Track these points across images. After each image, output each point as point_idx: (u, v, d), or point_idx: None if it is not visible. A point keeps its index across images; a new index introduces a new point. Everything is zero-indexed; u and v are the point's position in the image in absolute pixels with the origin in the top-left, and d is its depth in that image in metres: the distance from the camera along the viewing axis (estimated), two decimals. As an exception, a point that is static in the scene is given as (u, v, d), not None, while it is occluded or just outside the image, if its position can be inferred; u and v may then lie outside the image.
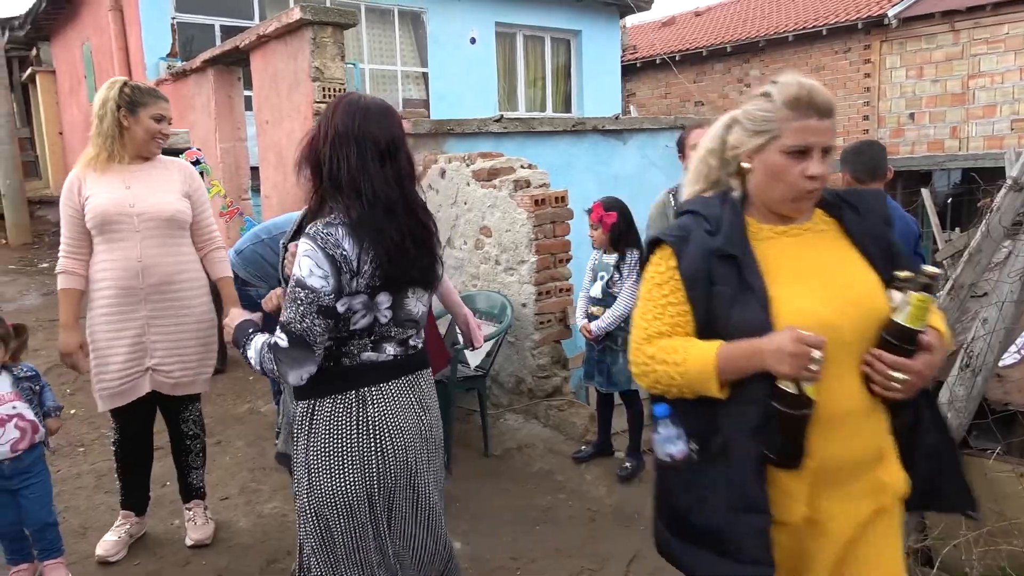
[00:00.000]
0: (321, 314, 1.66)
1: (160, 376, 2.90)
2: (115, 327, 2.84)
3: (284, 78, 6.02)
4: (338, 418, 1.78)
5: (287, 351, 1.67)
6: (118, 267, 2.80)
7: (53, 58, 14.50)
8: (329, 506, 1.78)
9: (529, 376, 4.19)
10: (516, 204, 4.05)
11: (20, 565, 2.80)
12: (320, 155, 1.73)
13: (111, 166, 2.84)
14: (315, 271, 1.66)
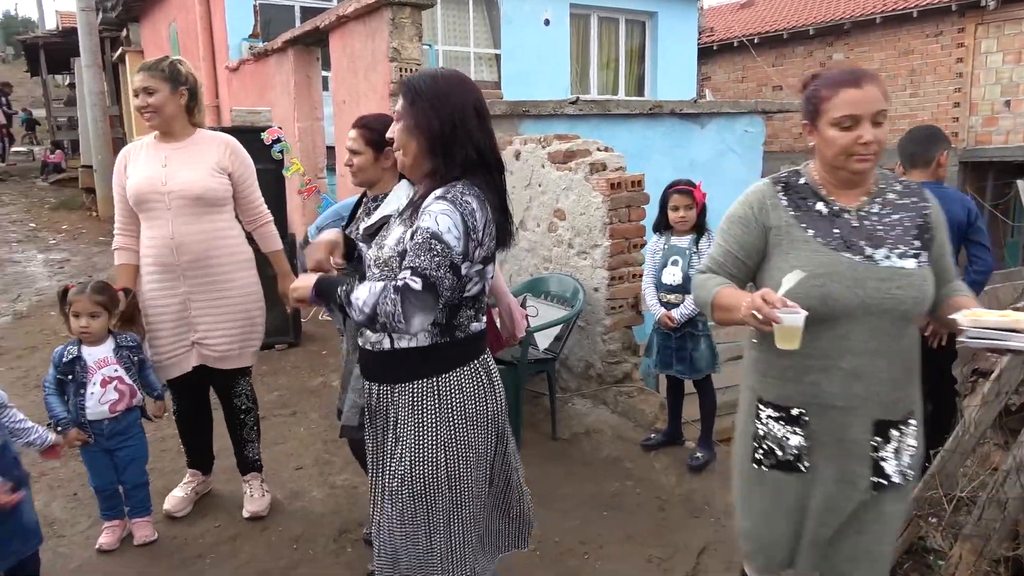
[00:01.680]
0: (451, 270, 1.68)
1: (205, 350, 2.96)
2: (159, 302, 2.91)
3: (362, 58, 6.10)
4: (468, 387, 1.83)
5: (419, 295, 1.64)
6: (156, 244, 2.87)
7: (141, 38, 15.05)
8: (467, 472, 1.84)
9: (599, 361, 4.16)
10: (591, 187, 4.01)
11: (113, 521, 2.95)
12: (436, 129, 1.76)
13: (156, 143, 2.91)
14: (452, 230, 1.68)
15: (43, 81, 21.13)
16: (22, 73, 32.10)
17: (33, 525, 2.23)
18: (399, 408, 1.84)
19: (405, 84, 1.84)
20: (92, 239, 10.24)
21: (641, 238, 4.12)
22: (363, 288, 1.70)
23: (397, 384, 1.84)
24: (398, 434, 1.85)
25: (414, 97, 1.80)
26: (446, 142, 1.76)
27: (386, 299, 1.65)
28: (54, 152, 16.40)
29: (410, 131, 1.80)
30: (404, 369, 1.83)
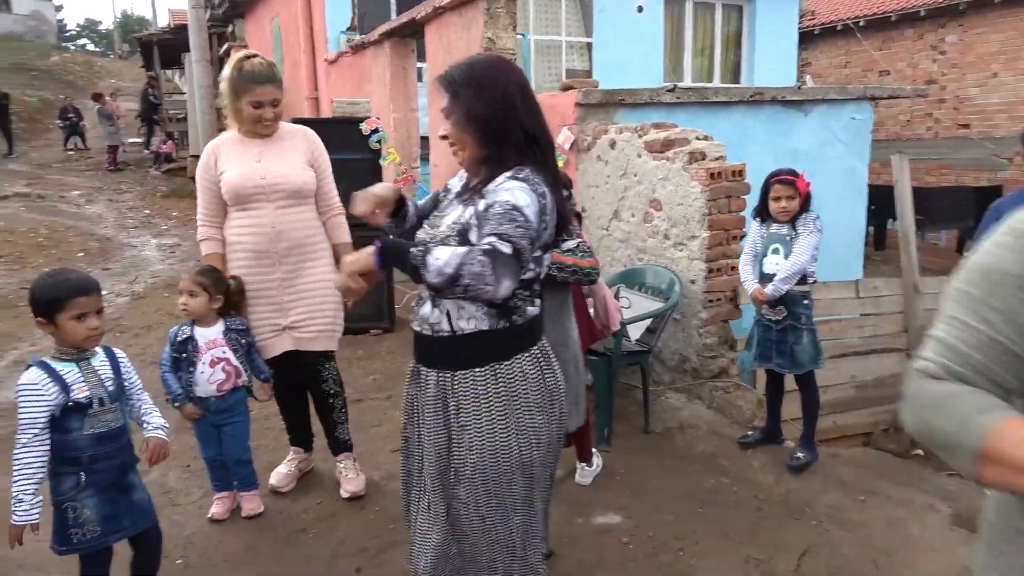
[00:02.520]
0: (530, 243, 1.68)
1: (297, 333, 3.08)
2: (253, 287, 3.03)
3: (457, 49, 6.16)
4: (530, 374, 1.83)
5: (508, 258, 1.60)
6: (254, 233, 2.98)
7: (245, 34, 15.70)
8: (537, 454, 1.84)
9: (694, 355, 4.07)
10: (690, 177, 3.91)
11: (222, 492, 3.11)
12: (486, 116, 1.76)
13: (243, 139, 3.01)
14: (530, 206, 1.69)
15: (156, 76, 22.36)
16: (137, 68, 34.12)
17: (145, 504, 2.32)
18: (461, 395, 1.81)
19: (444, 80, 1.82)
20: (200, 225, 10.79)
21: (741, 230, 4.00)
22: (443, 249, 1.62)
23: (459, 371, 1.81)
24: (463, 422, 1.82)
25: (456, 89, 1.79)
26: (498, 127, 1.76)
27: (474, 260, 1.57)
28: (165, 143, 17.33)
29: (462, 125, 1.79)
30: (467, 355, 1.80)
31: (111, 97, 18.86)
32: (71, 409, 2.12)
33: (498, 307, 1.78)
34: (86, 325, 2.13)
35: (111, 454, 2.20)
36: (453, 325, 1.79)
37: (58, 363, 2.14)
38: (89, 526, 2.18)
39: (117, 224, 10.95)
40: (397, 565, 2.78)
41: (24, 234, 9.76)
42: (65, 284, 2.13)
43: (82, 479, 2.15)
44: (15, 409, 2.23)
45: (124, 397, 2.27)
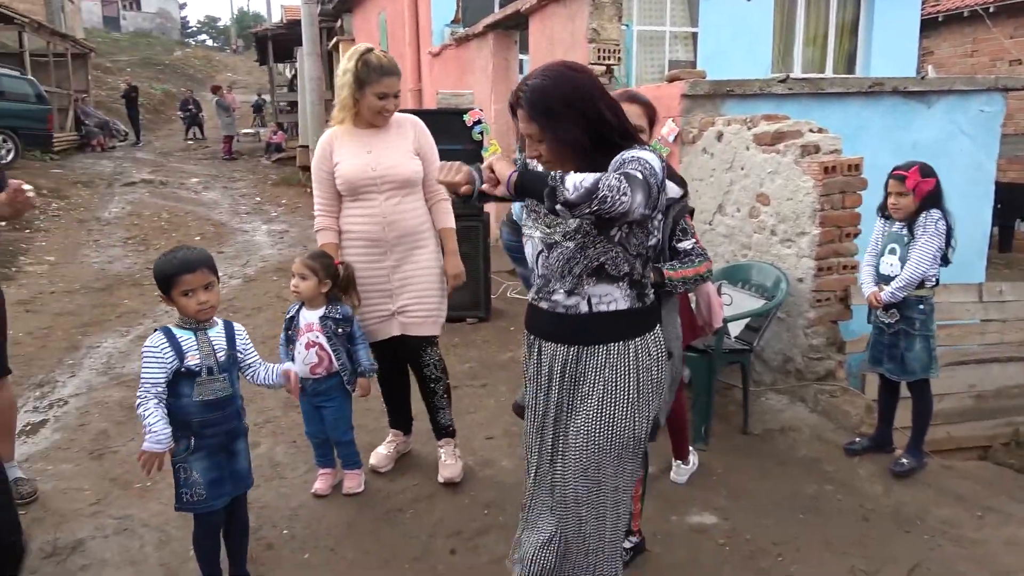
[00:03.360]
0: (655, 182, 1.69)
1: (404, 318, 3.16)
2: (365, 274, 3.13)
3: (560, 40, 6.14)
4: (653, 352, 1.93)
5: (639, 180, 1.64)
6: (366, 222, 3.10)
7: (353, 28, 16.19)
8: (644, 431, 1.95)
9: (799, 356, 3.92)
10: (802, 171, 3.76)
11: (325, 469, 3.23)
12: (582, 134, 1.79)
13: (354, 131, 3.09)
14: (653, 161, 1.74)
15: (269, 69, 23.41)
16: (252, 62, 35.84)
17: (244, 472, 2.46)
18: (588, 368, 1.91)
19: (529, 106, 1.81)
20: (307, 213, 11.23)
21: (855, 227, 3.82)
22: (586, 175, 1.62)
23: (591, 345, 1.91)
24: (584, 392, 1.91)
25: (545, 112, 1.79)
26: (594, 138, 1.81)
27: (609, 176, 1.61)
28: (276, 133, 18.14)
29: (559, 147, 1.81)
30: (603, 331, 1.90)
31: (228, 90, 19.86)
32: (183, 375, 2.26)
33: (635, 286, 1.89)
34: (195, 300, 2.26)
35: (219, 421, 2.33)
36: (593, 308, 1.89)
37: (179, 330, 2.30)
38: (196, 488, 2.33)
39: (231, 210, 11.55)
40: (491, 550, 2.82)
41: (149, 218, 10.45)
42: (171, 263, 2.27)
43: (192, 443, 2.30)
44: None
45: (235, 368, 2.39)
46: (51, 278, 7.21)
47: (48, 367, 4.78)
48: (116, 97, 21.96)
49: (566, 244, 1.87)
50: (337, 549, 2.82)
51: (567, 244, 1.87)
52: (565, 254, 1.88)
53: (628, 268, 1.88)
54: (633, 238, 1.86)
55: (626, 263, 1.88)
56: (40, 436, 3.83)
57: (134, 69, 29.20)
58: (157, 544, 2.84)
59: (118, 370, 4.79)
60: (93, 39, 28.54)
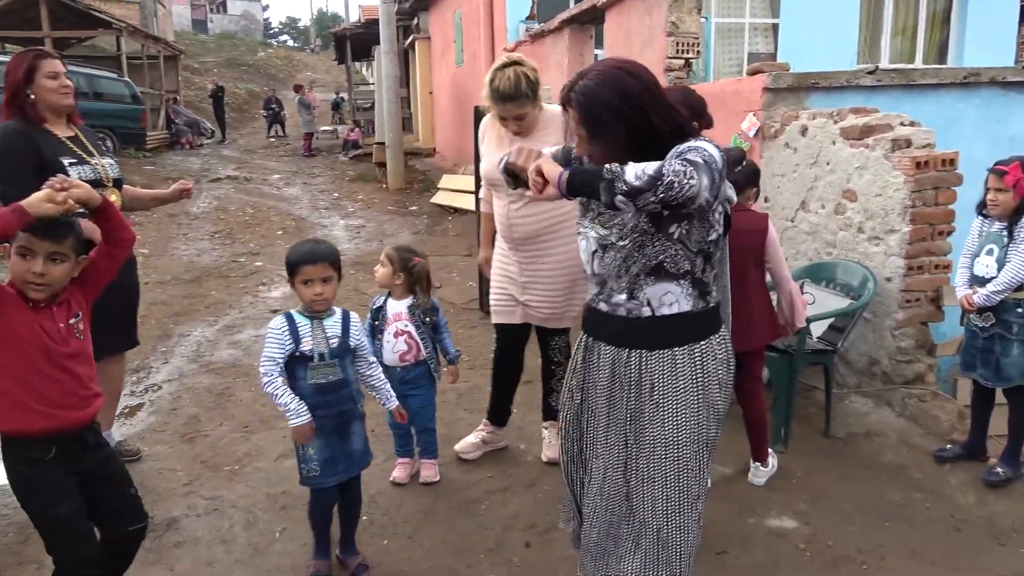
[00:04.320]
0: (716, 169, 1.66)
1: (531, 311, 3.24)
2: (499, 262, 3.28)
3: (638, 35, 6.08)
4: (719, 354, 1.90)
5: (702, 164, 1.62)
6: (498, 218, 3.22)
7: (429, 26, 16.41)
8: (714, 434, 1.93)
9: (886, 358, 3.77)
10: (892, 166, 3.61)
11: (404, 458, 3.32)
12: (634, 139, 1.76)
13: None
14: (713, 151, 1.70)
15: (347, 68, 23.98)
16: (330, 62, 36.80)
17: (359, 455, 2.59)
18: (658, 373, 1.87)
19: (577, 109, 1.78)
20: (382, 208, 11.48)
21: (949, 224, 3.65)
22: (647, 163, 1.60)
23: (656, 351, 1.87)
24: (657, 399, 1.87)
25: (592, 119, 1.77)
26: (643, 143, 1.76)
27: (672, 163, 1.58)
28: (353, 131, 18.57)
29: (606, 152, 1.78)
30: (668, 335, 1.87)
31: (309, 89, 20.45)
32: (298, 359, 2.42)
33: (697, 285, 1.85)
34: (311, 291, 2.40)
35: (330, 403, 2.46)
36: (656, 311, 1.85)
37: (299, 316, 2.45)
38: (312, 465, 2.48)
39: (310, 205, 11.90)
40: (565, 544, 2.82)
41: (234, 213, 10.87)
42: (298, 252, 2.43)
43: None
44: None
45: (348, 356, 2.51)
46: (145, 269, 7.58)
47: (143, 354, 5.04)
48: (204, 97, 22.92)
49: (622, 244, 1.83)
50: (414, 537, 2.89)
51: (623, 243, 1.83)
52: (621, 253, 1.84)
53: (689, 266, 1.83)
54: (694, 234, 1.81)
55: (687, 260, 1.82)
56: (137, 419, 4.05)
57: (220, 69, 30.38)
58: (245, 524, 2.97)
59: (207, 358, 5.01)
60: (182, 41, 29.86)
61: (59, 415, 1.98)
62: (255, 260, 8.13)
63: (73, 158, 2.99)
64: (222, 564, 2.72)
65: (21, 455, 1.98)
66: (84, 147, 3.09)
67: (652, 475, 1.89)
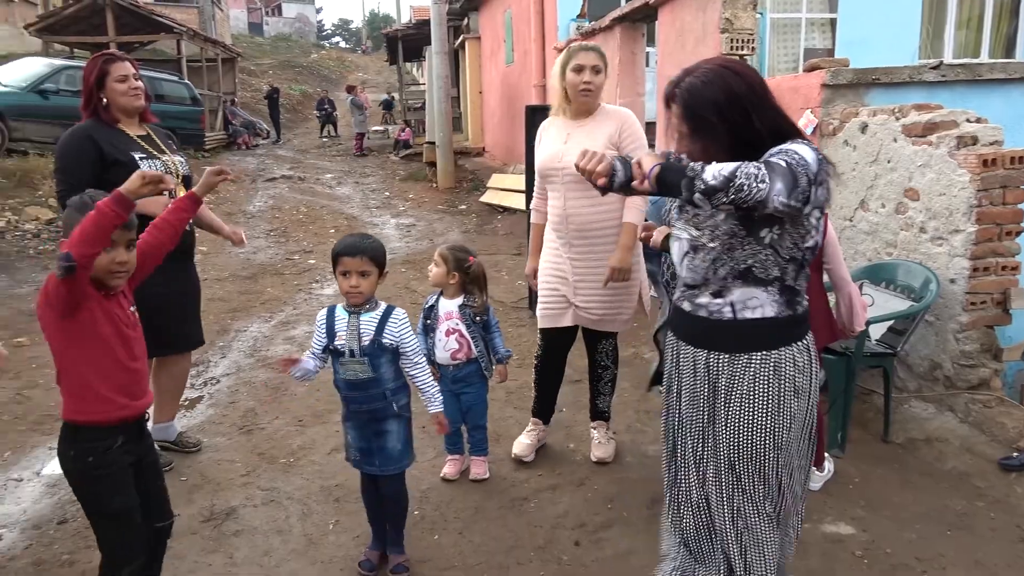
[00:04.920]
0: (807, 175, 1.63)
1: (582, 312, 3.23)
2: (550, 262, 3.25)
3: (691, 31, 6.01)
4: (800, 362, 1.86)
5: (782, 168, 1.61)
6: (553, 212, 3.22)
7: (479, 26, 16.48)
8: (791, 442, 1.88)
9: (948, 362, 3.66)
10: (957, 164, 3.50)
11: (454, 455, 3.34)
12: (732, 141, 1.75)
13: (563, 120, 3.18)
14: (808, 153, 1.68)
15: (398, 68, 24.25)
16: (381, 62, 37.26)
17: (394, 454, 2.57)
18: (733, 377, 1.86)
19: (681, 106, 1.78)
20: (432, 207, 11.59)
21: (1018, 224, 3.52)
22: (724, 164, 1.62)
23: (734, 353, 1.86)
24: (732, 402, 1.87)
25: (695, 117, 1.77)
26: (742, 144, 1.75)
27: (748, 166, 1.59)
28: (404, 130, 18.78)
29: (705, 151, 1.78)
30: (747, 339, 1.85)
31: (361, 89, 20.75)
32: (331, 352, 2.50)
33: (786, 292, 1.83)
34: (347, 282, 2.43)
35: (360, 400, 2.51)
36: (737, 314, 1.84)
37: (341, 311, 2.51)
38: (351, 451, 2.60)
39: (362, 204, 12.09)
40: (614, 544, 2.82)
41: (288, 211, 11.11)
42: (340, 244, 2.48)
43: (345, 411, 2.57)
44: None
45: (384, 355, 2.49)
46: (204, 267, 7.80)
47: (202, 348, 5.17)
48: (259, 98, 23.44)
49: (712, 245, 1.83)
50: (465, 532, 2.91)
51: (713, 245, 1.83)
52: (711, 255, 1.84)
53: (779, 272, 1.81)
54: (786, 239, 1.78)
55: (776, 267, 1.81)
56: (197, 411, 4.18)
57: (275, 71, 31.03)
58: (300, 516, 3.04)
59: (263, 353, 5.13)
60: (239, 44, 30.60)
61: (132, 403, 2.06)
62: (308, 258, 8.30)
63: (143, 154, 3.12)
64: (278, 554, 2.79)
65: (89, 445, 2.02)
66: (155, 144, 3.23)
67: (725, 481, 1.90)
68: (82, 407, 2.00)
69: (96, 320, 1.98)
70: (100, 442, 2.03)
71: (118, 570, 2.10)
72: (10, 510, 3.10)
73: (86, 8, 15.96)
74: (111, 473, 2.05)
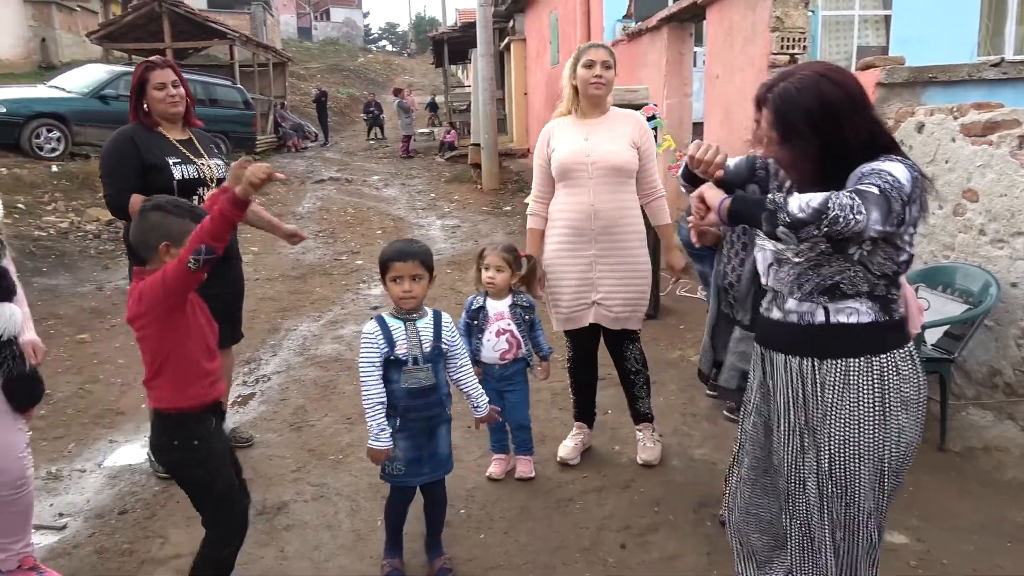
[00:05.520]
0: (900, 198, 1.60)
1: (603, 310, 3.23)
2: (566, 262, 3.23)
3: (740, 30, 5.93)
4: (904, 369, 1.78)
5: (876, 196, 1.57)
6: (574, 210, 3.18)
7: (525, 28, 16.51)
8: (896, 454, 1.80)
9: (1009, 369, 3.54)
10: (1019, 164, 3.38)
11: (500, 454, 3.37)
12: (823, 152, 1.71)
13: (575, 120, 3.21)
14: (903, 172, 1.63)
15: (444, 71, 24.44)
16: (426, 65, 37.60)
17: (443, 457, 2.61)
18: (828, 384, 1.80)
19: (778, 119, 1.73)
20: (477, 209, 11.65)
21: (1084, 226, 3.39)
22: (811, 195, 1.58)
23: (827, 359, 1.80)
24: (825, 410, 1.81)
25: (785, 124, 1.72)
26: (833, 156, 1.71)
27: (840, 196, 1.54)
28: (449, 132, 18.93)
29: (796, 165, 1.76)
30: (841, 344, 1.79)
31: (407, 92, 20.98)
32: (392, 362, 2.44)
33: (881, 299, 1.77)
34: (400, 288, 2.43)
35: (420, 407, 2.49)
36: (831, 317, 1.79)
37: (391, 320, 2.48)
38: (397, 464, 2.52)
39: (408, 206, 12.22)
40: (661, 547, 2.81)
41: (336, 213, 11.29)
42: (389, 250, 2.48)
43: (397, 424, 2.48)
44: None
45: (441, 360, 2.53)
46: (255, 267, 8.00)
47: (254, 346, 5.32)
48: (308, 102, 23.89)
49: (796, 261, 1.79)
50: (510, 532, 2.93)
51: (798, 261, 1.79)
52: (795, 270, 1.80)
53: (868, 287, 1.76)
54: (878, 255, 1.73)
55: (866, 283, 1.75)
56: (249, 407, 4.28)
57: (323, 75, 31.58)
58: (349, 511, 3.09)
59: (312, 352, 5.23)
60: (289, 48, 31.23)
61: (218, 385, 2.24)
62: (356, 259, 8.42)
63: (178, 158, 3.15)
64: (327, 548, 2.84)
65: (193, 430, 2.16)
66: (194, 149, 3.25)
67: (830, 488, 1.84)
68: (185, 394, 2.13)
69: (194, 310, 2.15)
70: (201, 425, 2.17)
71: (224, 547, 2.25)
72: (75, 500, 3.22)
73: (144, 16, 16.49)
74: (215, 454, 2.21)
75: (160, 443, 2.22)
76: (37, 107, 11.18)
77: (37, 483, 3.35)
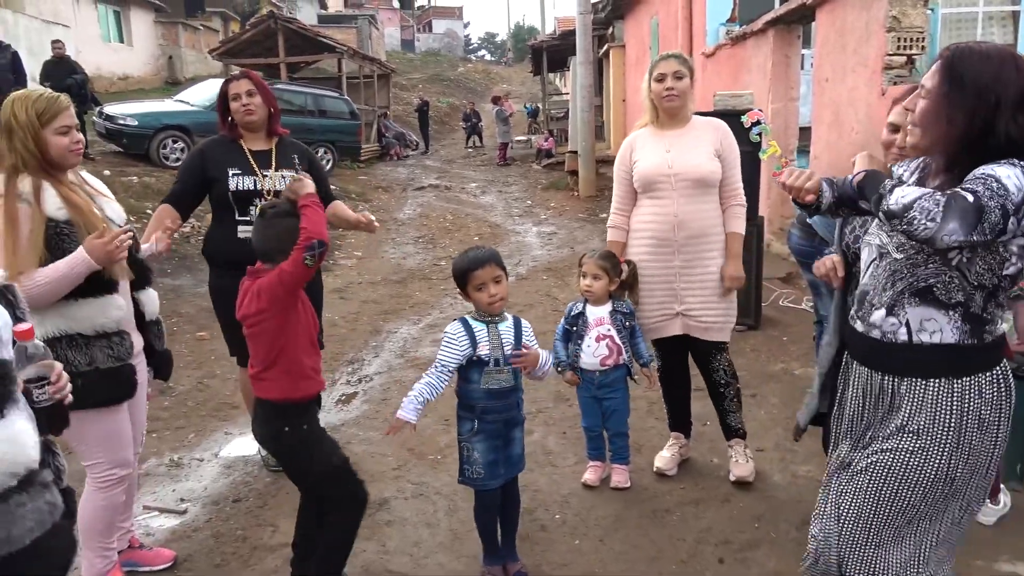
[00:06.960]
0: (1001, 212, 1.51)
1: (691, 320, 3.19)
2: (651, 272, 3.19)
3: (853, 31, 5.70)
4: (987, 393, 1.71)
5: (966, 205, 1.50)
6: (657, 220, 3.16)
7: (624, 34, 16.42)
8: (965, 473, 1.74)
9: None
10: None
11: (596, 461, 3.36)
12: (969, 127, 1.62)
13: (656, 132, 3.19)
14: (1013, 179, 1.53)
15: (542, 79, 24.62)
16: (524, 73, 37.98)
17: (518, 457, 2.66)
18: (903, 400, 1.76)
19: (946, 67, 1.66)
20: (573, 216, 11.66)
21: None
22: (919, 190, 1.56)
23: (907, 378, 1.75)
24: (900, 424, 1.76)
25: (952, 86, 1.64)
26: (975, 138, 1.62)
27: (931, 198, 1.52)
28: (547, 140, 19.03)
29: (937, 121, 1.67)
30: (925, 365, 1.73)
31: (506, 99, 21.25)
32: (473, 363, 2.50)
33: (970, 320, 1.69)
34: (486, 293, 2.49)
35: (499, 409, 2.54)
36: (912, 336, 1.73)
37: (475, 322, 2.54)
38: (476, 467, 2.57)
39: (504, 212, 12.37)
40: (760, 565, 2.73)
41: (435, 219, 11.56)
42: (465, 261, 2.53)
43: (475, 426, 2.53)
44: (432, 363, 2.72)
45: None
46: (359, 270, 8.30)
47: (357, 347, 5.52)
48: (410, 111, 24.59)
49: (897, 256, 1.74)
50: (605, 540, 2.92)
51: (898, 256, 1.74)
52: (892, 266, 1.75)
53: (963, 298, 1.67)
54: (976, 263, 1.65)
55: (961, 292, 1.67)
56: (352, 406, 4.45)
57: (424, 85, 32.44)
58: (447, 511, 3.16)
59: (412, 353, 5.38)
60: (393, 60, 32.29)
61: (320, 377, 2.43)
62: (454, 264, 8.59)
63: (240, 169, 3.22)
64: (426, 546, 2.92)
65: (303, 416, 2.35)
66: (266, 160, 3.27)
67: (875, 485, 1.80)
68: (298, 384, 2.33)
69: (306, 308, 2.35)
70: (308, 411, 2.38)
71: (348, 525, 2.46)
72: (194, 487, 3.44)
73: (261, 33, 17.46)
74: (325, 438, 2.43)
75: (270, 431, 2.38)
76: (164, 120, 12.03)
77: (161, 469, 3.62)
